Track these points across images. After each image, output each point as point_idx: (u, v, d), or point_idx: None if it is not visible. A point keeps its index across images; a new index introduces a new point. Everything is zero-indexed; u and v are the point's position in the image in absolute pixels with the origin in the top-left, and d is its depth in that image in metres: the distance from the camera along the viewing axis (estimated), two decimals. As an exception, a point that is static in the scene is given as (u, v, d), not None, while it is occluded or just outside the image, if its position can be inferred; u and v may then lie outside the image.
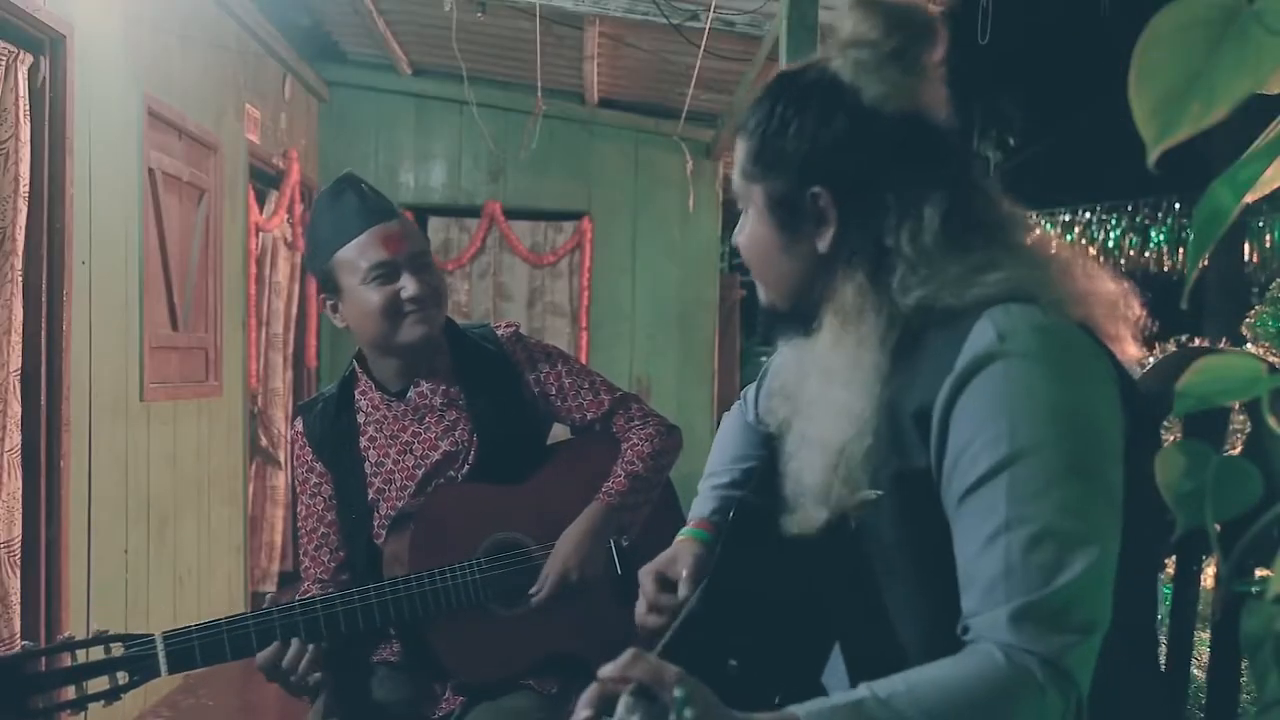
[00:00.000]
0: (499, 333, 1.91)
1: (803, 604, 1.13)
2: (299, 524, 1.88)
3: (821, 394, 1.06)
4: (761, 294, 1.17)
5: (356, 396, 1.87)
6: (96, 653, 1.56)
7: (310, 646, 1.62)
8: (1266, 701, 0.64)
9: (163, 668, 1.58)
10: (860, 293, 1.03)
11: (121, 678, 1.56)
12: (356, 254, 1.74)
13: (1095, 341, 1.01)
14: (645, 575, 1.34)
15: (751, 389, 1.46)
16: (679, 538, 1.39)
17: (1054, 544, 0.89)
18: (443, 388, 1.83)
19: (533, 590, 1.78)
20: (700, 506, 1.42)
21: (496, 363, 1.87)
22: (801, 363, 1.13)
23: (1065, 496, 0.90)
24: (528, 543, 1.82)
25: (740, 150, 1.12)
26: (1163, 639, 1.14)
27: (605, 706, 0.83)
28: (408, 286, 1.73)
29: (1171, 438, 1.18)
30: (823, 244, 1.06)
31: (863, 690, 0.87)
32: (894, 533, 1.00)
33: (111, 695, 1.55)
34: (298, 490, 1.89)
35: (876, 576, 1.03)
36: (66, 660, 1.56)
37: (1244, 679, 1.07)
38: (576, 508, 1.82)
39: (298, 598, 1.74)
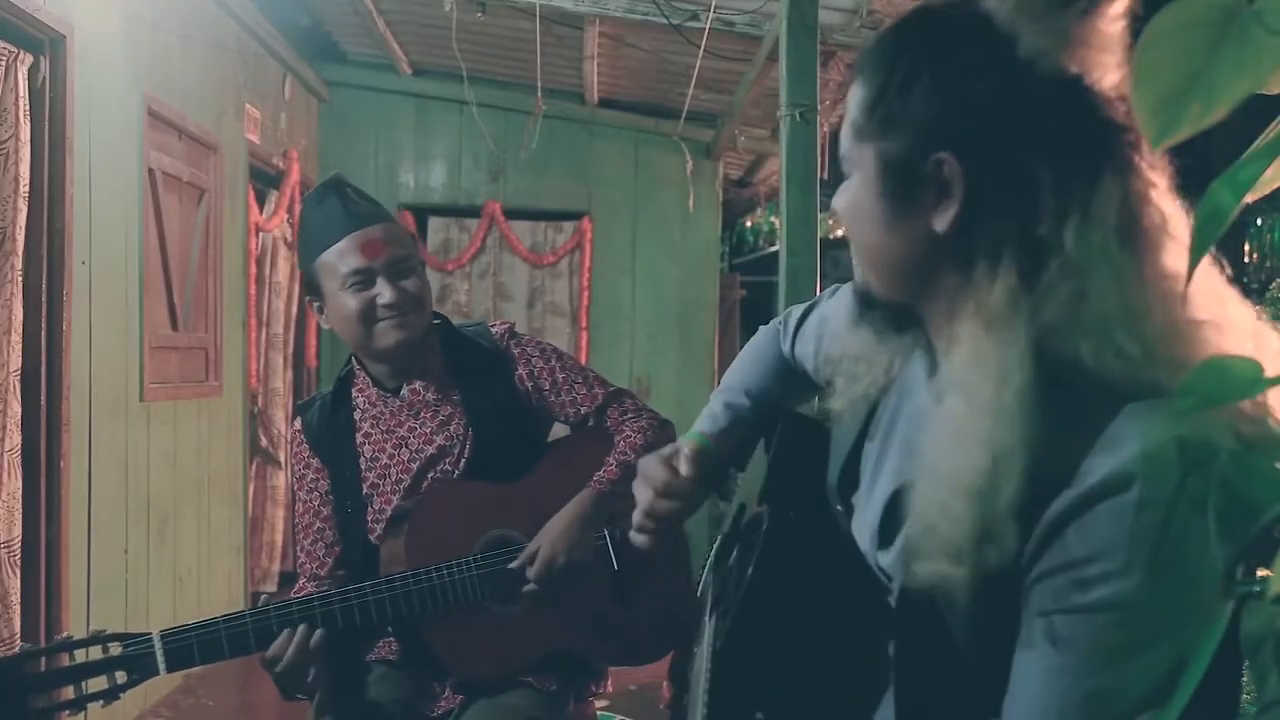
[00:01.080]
0: (494, 330, 1.93)
1: (840, 649, 1.00)
2: (296, 520, 1.90)
3: (960, 421, 0.86)
4: (857, 272, 0.99)
5: (354, 393, 1.89)
6: (95, 652, 1.56)
7: (299, 637, 1.62)
8: (1266, 701, 0.64)
9: (161, 666, 1.58)
10: (1013, 293, 0.84)
11: (120, 677, 1.56)
12: (336, 259, 1.78)
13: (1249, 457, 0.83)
14: (650, 461, 1.24)
15: (794, 316, 1.32)
16: (683, 438, 1.30)
17: (1116, 705, 0.79)
18: (437, 383, 1.85)
19: (514, 564, 1.77)
20: (710, 421, 1.29)
21: (490, 358, 1.89)
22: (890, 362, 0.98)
23: (1153, 658, 0.78)
24: (523, 540, 1.82)
25: (854, 99, 0.92)
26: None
27: None
28: (384, 293, 1.76)
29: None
30: (941, 222, 0.86)
31: None
32: (965, 611, 0.86)
33: (110, 695, 1.55)
34: (295, 488, 1.90)
35: (934, 641, 0.90)
36: (65, 660, 1.56)
37: (1244, 679, 1.07)
38: (574, 507, 1.82)
39: (293, 595, 1.74)
